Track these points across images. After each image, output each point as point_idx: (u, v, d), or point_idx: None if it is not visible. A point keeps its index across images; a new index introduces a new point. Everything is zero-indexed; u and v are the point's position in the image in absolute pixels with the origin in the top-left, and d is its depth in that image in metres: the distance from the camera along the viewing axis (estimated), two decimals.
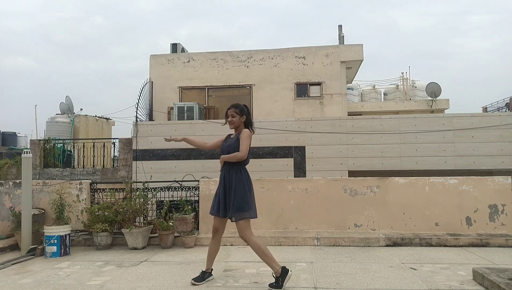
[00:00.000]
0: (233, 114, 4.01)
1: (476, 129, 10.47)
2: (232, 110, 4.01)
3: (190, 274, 4.48)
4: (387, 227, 6.32)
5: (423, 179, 6.45)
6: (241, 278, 4.31)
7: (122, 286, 4.10)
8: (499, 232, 6.10)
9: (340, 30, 14.76)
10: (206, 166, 10.97)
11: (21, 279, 4.45)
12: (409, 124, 10.74)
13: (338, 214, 6.40)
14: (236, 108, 4.02)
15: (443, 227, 6.21)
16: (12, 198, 6.77)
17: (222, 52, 13.74)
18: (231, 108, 4.02)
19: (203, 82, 13.62)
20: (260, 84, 13.39)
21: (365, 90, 19.41)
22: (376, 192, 6.44)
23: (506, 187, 6.23)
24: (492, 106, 19.38)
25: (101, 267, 4.90)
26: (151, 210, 6.79)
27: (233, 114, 4.01)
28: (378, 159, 10.67)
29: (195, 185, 6.92)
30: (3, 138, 18.55)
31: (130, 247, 5.93)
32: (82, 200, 6.62)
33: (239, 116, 4.01)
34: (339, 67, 13.15)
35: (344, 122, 10.96)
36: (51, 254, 5.53)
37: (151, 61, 13.92)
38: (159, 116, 13.38)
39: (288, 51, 13.45)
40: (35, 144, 12.14)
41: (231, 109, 4.01)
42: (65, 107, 15.07)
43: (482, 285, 3.84)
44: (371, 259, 5.06)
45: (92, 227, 6.02)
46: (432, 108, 16.13)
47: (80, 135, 14.41)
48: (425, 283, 3.99)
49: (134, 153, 11.33)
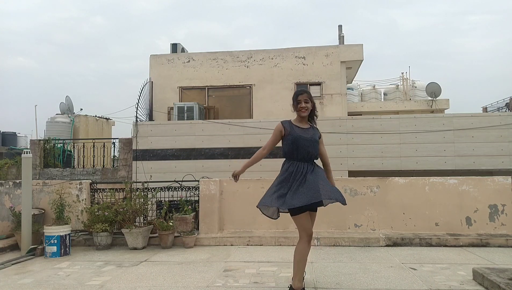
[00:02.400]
0: (307, 100, 3.59)
1: (476, 129, 10.46)
2: (306, 95, 3.59)
3: (190, 274, 4.48)
4: (387, 227, 6.32)
5: (423, 179, 6.45)
6: (241, 278, 4.30)
7: (122, 286, 4.10)
8: (499, 232, 6.10)
9: (340, 30, 14.76)
10: (206, 166, 10.97)
11: (21, 279, 4.44)
12: (409, 124, 10.74)
13: (338, 214, 6.39)
14: (308, 93, 3.64)
15: (443, 227, 6.21)
16: (12, 198, 6.77)
17: (222, 52, 13.73)
18: (304, 93, 3.61)
19: (203, 82, 13.62)
20: (260, 84, 13.39)
21: (365, 90, 19.39)
22: (376, 192, 6.43)
23: (506, 187, 6.23)
24: (492, 106, 19.38)
25: (101, 267, 4.90)
26: (151, 210, 6.79)
27: (306, 100, 3.58)
28: (378, 159, 10.66)
29: (195, 185, 6.92)
30: (3, 138, 18.54)
31: (130, 247, 5.93)
32: (82, 200, 6.62)
33: (311, 103, 3.63)
34: (339, 67, 13.15)
35: (344, 122, 10.96)
36: (51, 254, 5.53)
37: (151, 61, 13.92)
38: (159, 116, 13.38)
39: (288, 51, 13.44)
40: (35, 144, 12.13)
41: (305, 94, 3.60)
42: (65, 107, 15.06)
43: (482, 285, 3.84)
44: (371, 259, 5.06)
45: (92, 227, 6.02)
46: (432, 108, 16.12)
47: (80, 135, 14.40)
48: (425, 283, 3.99)
49: (134, 153, 11.32)
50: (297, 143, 3.53)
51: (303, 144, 3.53)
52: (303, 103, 3.58)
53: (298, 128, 3.62)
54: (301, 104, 3.58)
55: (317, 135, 3.66)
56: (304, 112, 3.59)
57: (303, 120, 3.67)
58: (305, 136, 3.56)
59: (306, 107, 3.59)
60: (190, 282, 4.17)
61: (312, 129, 3.69)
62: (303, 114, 3.60)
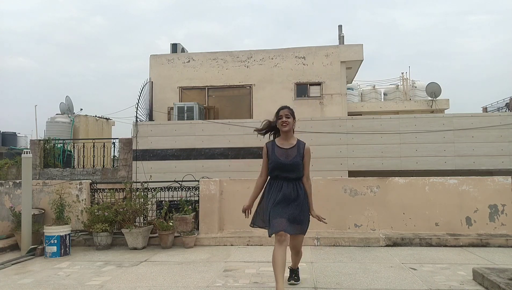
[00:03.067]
0: (288, 115, 3.64)
1: (476, 129, 10.46)
2: (287, 110, 3.65)
3: (190, 274, 4.48)
4: (387, 227, 6.32)
5: (423, 179, 6.45)
6: (241, 278, 4.31)
7: (122, 286, 4.10)
8: (499, 232, 6.10)
9: (340, 30, 14.75)
10: (206, 166, 10.97)
11: (21, 279, 4.45)
12: (409, 124, 10.74)
13: (338, 214, 6.40)
14: (290, 109, 3.69)
15: (443, 227, 6.21)
16: (12, 198, 6.77)
17: (222, 52, 13.73)
18: (285, 109, 3.67)
19: (203, 82, 13.62)
20: (260, 84, 13.39)
21: (365, 90, 19.38)
22: (376, 192, 6.44)
23: (506, 187, 6.23)
24: (492, 106, 19.37)
25: (101, 267, 4.90)
26: (151, 210, 6.80)
27: (287, 115, 3.63)
28: (378, 159, 10.66)
29: (195, 185, 6.92)
30: (3, 138, 18.54)
31: (130, 247, 5.93)
32: (82, 200, 6.62)
33: (293, 118, 3.68)
34: (339, 67, 13.15)
35: (344, 122, 10.95)
36: (51, 254, 5.53)
37: (151, 61, 13.92)
38: (159, 116, 13.37)
39: (288, 51, 13.44)
40: (35, 144, 12.13)
41: (286, 110, 3.65)
42: (65, 107, 15.06)
43: (482, 285, 3.84)
44: (371, 259, 5.06)
45: (92, 227, 6.02)
46: (432, 108, 16.12)
47: (80, 135, 14.40)
48: (425, 283, 3.99)
49: (134, 153, 11.32)
50: (277, 169, 3.61)
51: (283, 170, 3.59)
52: (284, 118, 3.62)
53: (280, 149, 3.65)
54: (282, 118, 3.63)
55: (301, 153, 3.63)
56: (285, 127, 3.62)
57: (287, 137, 3.69)
58: (284, 162, 3.58)
59: (287, 122, 3.62)
60: (190, 282, 4.17)
61: (297, 147, 3.65)
62: (284, 129, 3.63)
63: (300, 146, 3.67)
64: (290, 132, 3.68)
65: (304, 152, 3.66)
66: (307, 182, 3.72)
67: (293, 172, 3.60)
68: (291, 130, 3.68)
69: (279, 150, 3.65)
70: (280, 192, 3.56)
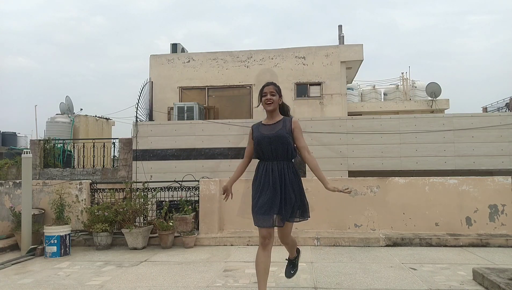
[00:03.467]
0: (273, 92, 3.33)
1: (476, 129, 10.46)
2: (271, 87, 3.35)
3: (190, 274, 4.48)
4: (387, 227, 6.32)
5: (423, 179, 6.45)
6: (241, 278, 4.31)
7: (122, 286, 4.10)
8: (499, 232, 6.10)
9: (340, 30, 14.75)
10: (206, 166, 10.97)
11: (21, 279, 4.45)
12: (409, 124, 10.73)
13: (338, 214, 6.40)
14: (275, 85, 3.39)
15: (443, 227, 6.21)
16: (12, 198, 6.77)
17: (222, 52, 13.73)
18: (270, 85, 3.37)
19: (203, 82, 13.62)
20: (260, 84, 13.30)
21: (365, 90, 19.38)
22: (376, 192, 6.44)
23: (506, 187, 6.23)
24: (492, 106, 19.37)
25: (101, 267, 4.90)
26: (151, 210, 6.80)
27: (272, 92, 3.33)
28: (378, 159, 10.66)
29: (195, 185, 6.92)
30: (3, 138, 18.53)
31: (130, 247, 5.93)
32: (82, 200, 6.62)
33: (278, 96, 3.37)
34: (339, 67, 13.14)
35: (344, 122, 10.95)
36: (51, 254, 5.53)
37: (151, 61, 13.92)
38: (159, 116, 13.37)
39: (288, 51, 13.44)
40: (35, 144, 12.13)
41: (270, 86, 3.36)
42: (65, 107, 15.06)
43: (482, 285, 3.84)
44: (371, 259, 5.06)
45: (92, 227, 6.02)
46: (432, 108, 16.11)
47: (80, 135, 14.40)
48: (425, 283, 3.99)
49: (134, 153, 11.32)
50: (260, 144, 3.28)
51: (266, 142, 3.25)
52: (269, 95, 3.32)
53: (264, 126, 3.35)
54: (267, 96, 3.32)
55: (287, 127, 3.29)
56: (269, 105, 3.31)
57: (273, 115, 3.37)
58: (267, 134, 3.26)
59: (272, 99, 3.30)
60: (190, 282, 4.17)
61: (282, 122, 3.33)
62: (268, 108, 3.32)
63: (286, 120, 3.35)
64: (275, 111, 3.36)
65: (292, 125, 3.32)
66: (308, 155, 3.35)
67: (279, 148, 3.24)
68: (276, 109, 3.37)
69: (263, 127, 3.35)
70: (266, 177, 3.23)
